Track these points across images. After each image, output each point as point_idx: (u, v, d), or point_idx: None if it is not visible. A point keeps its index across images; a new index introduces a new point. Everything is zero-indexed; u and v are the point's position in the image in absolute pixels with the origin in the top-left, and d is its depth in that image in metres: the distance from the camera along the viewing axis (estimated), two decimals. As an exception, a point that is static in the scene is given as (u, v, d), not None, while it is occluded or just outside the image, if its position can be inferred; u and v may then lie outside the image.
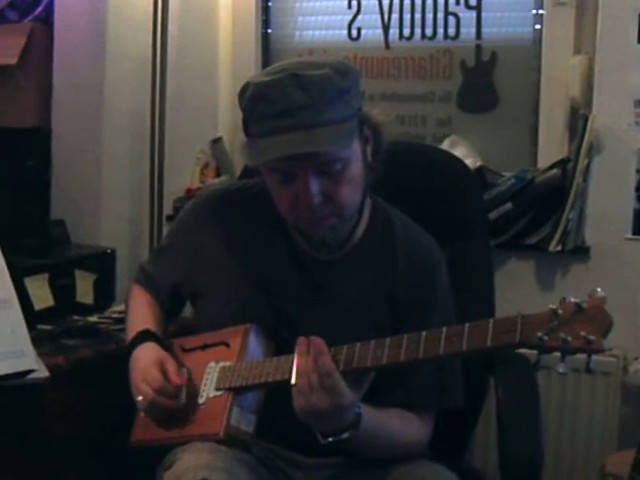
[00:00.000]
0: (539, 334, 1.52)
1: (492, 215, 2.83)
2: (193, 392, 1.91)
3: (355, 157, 1.84)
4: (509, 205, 2.86)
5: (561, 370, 1.54)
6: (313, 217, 1.85)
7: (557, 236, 2.80)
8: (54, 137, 3.18)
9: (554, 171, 2.85)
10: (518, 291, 2.88)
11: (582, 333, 1.49)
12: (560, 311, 1.52)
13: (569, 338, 1.50)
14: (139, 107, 3.16)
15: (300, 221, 1.89)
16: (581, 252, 2.85)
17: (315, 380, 1.67)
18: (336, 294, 1.95)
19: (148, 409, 1.92)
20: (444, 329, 1.64)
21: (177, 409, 1.90)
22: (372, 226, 2.00)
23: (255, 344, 1.90)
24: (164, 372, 1.91)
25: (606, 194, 2.82)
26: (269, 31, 3.44)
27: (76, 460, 2.37)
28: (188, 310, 2.16)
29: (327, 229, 1.88)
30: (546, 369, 1.59)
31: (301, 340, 1.73)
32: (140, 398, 1.92)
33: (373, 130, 1.91)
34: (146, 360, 1.96)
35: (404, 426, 1.91)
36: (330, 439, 1.72)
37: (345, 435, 1.72)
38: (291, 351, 1.79)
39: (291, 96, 1.75)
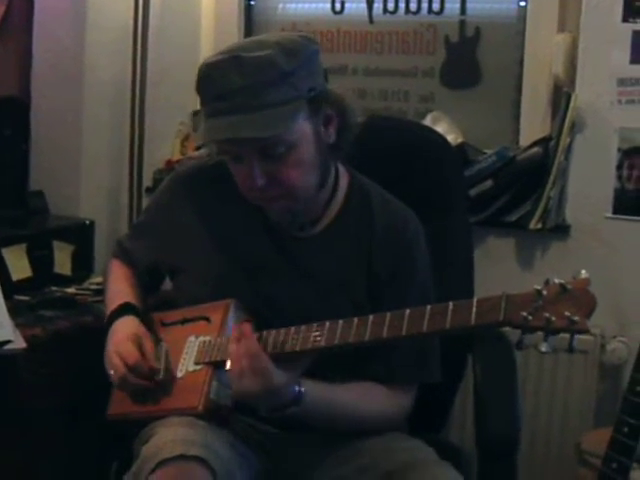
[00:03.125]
0: (523, 314, 1.52)
1: (472, 192, 2.82)
2: (172, 366, 1.90)
3: (305, 139, 1.83)
4: (490, 182, 2.85)
5: (544, 349, 1.54)
6: (262, 197, 1.86)
7: (537, 214, 2.80)
8: (33, 107, 3.15)
9: (536, 149, 2.84)
10: (497, 269, 2.88)
11: (566, 313, 1.50)
12: (544, 291, 1.52)
13: (553, 318, 1.51)
14: (120, 78, 3.14)
15: (255, 200, 1.90)
16: (561, 230, 2.85)
17: (245, 364, 1.70)
18: (313, 271, 1.95)
19: (119, 384, 1.92)
20: (428, 307, 1.64)
21: (149, 387, 1.90)
22: (349, 201, 2.00)
23: (235, 319, 1.89)
24: (141, 349, 1.91)
25: (587, 173, 2.82)
26: (252, 3, 3.41)
27: (53, 432, 2.37)
28: (169, 283, 2.15)
29: (283, 210, 1.89)
30: (526, 349, 1.59)
31: (234, 327, 1.78)
32: (112, 372, 1.91)
33: (337, 108, 1.89)
34: (122, 334, 1.95)
35: (368, 400, 1.91)
36: (277, 413, 1.76)
37: (289, 410, 1.75)
38: (269, 327, 1.80)
39: (229, 78, 1.75)
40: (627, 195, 2.78)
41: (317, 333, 1.71)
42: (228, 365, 1.74)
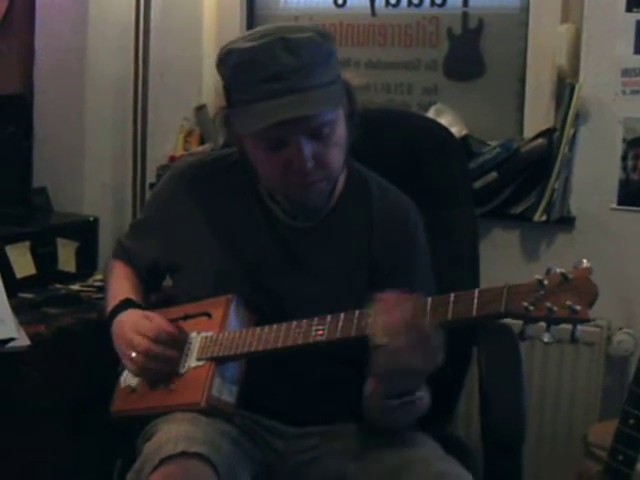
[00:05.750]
0: (525, 304, 1.52)
1: (477, 184, 2.81)
2: (181, 345, 1.90)
3: (340, 120, 1.84)
4: (494, 174, 2.85)
5: (546, 340, 1.54)
6: (305, 182, 1.83)
7: (542, 206, 2.79)
8: (36, 103, 3.14)
9: (540, 140, 2.83)
10: (503, 261, 2.88)
11: (568, 303, 1.49)
12: (546, 281, 1.52)
13: (555, 308, 1.50)
14: (122, 73, 3.13)
15: (289, 188, 1.87)
16: (566, 222, 2.84)
17: (416, 341, 1.62)
18: (314, 262, 1.94)
19: (143, 363, 1.89)
20: (429, 299, 1.64)
21: (171, 360, 1.88)
22: (348, 190, 1.99)
23: (237, 315, 1.88)
24: (155, 322, 1.91)
25: (592, 164, 2.81)
26: (254, -4, 3.40)
27: (57, 429, 2.37)
28: (170, 280, 2.15)
29: (317, 194, 1.88)
30: (529, 339, 1.59)
31: (383, 297, 1.67)
32: (133, 355, 1.89)
33: (347, 94, 1.90)
34: (134, 317, 1.95)
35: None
36: (407, 398, 1.72)
37: (419, 394, 1.73)
38: (270, 322, 1.79)
39: (281, 60, 1.74)
40: (632, 186, 2.77)
41: None
42: (385, 339, 1.63)
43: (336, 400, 1.84)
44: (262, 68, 1.75)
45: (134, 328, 1.91)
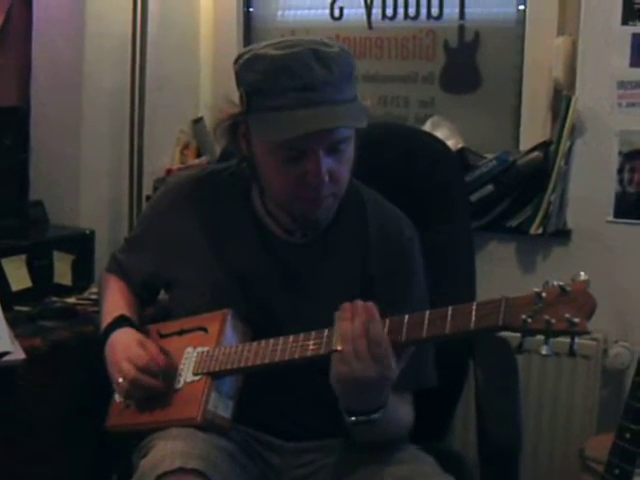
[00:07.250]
0: (523, 317, 1.52)
1: (473, 197, 2.81)
2: (170, 377, 1.89)
3: (353, 138, 1.85)
4: (490, 187, 2.85)
5: (545, 352, 1.54)
6: (317, 197, 1.83)
7: (538, 219, 2.80)
8: (33, 116, 3.14)
9: (536, 153, 2.84)
10: (499, 274, 2.87)
11: (566, 315, 1.50)
12: (544, 294, 1.52)
13: (553, 320, 1.50)
14: (119, 86, 3.13)
15: (298, 202, 1.86)
16: (562, 235, 2.84)
17: (362, 347, 1.63)
18: (309, 278, 1.94)
19: (129, 390, 1.89)
20: (427, 312, 1.64)
21: (157, 390, 1.88)
22: (344, 206, 1.97)
23: (233, 330, 1.88)
24: (147, 351, 1.90)
25: (588, 177, 2.82)
26: (251, 10, 3.41)
27: (52, 443, 2.36)
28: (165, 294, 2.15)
29: (324, 210, 1.87)
30: (526, 352, 1.59)
31: (345, 306, 1.69)
32: (120, 380, 1.89)
33: None
34: (127, 341, 1.94)
35: (403, 407, 1.90)
36: (362, 418, 1.70)
37: (375, 415, 1.70)
38: (266, 337, 1.79)
39: (315, 70, 1.75)
40: (628, 199, 2.77)
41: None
42: (339, 346, 1.65)
43: (333, 415, 1.82)
44: (296, 76, 1.75)
45: (125, 355, 1.90)
